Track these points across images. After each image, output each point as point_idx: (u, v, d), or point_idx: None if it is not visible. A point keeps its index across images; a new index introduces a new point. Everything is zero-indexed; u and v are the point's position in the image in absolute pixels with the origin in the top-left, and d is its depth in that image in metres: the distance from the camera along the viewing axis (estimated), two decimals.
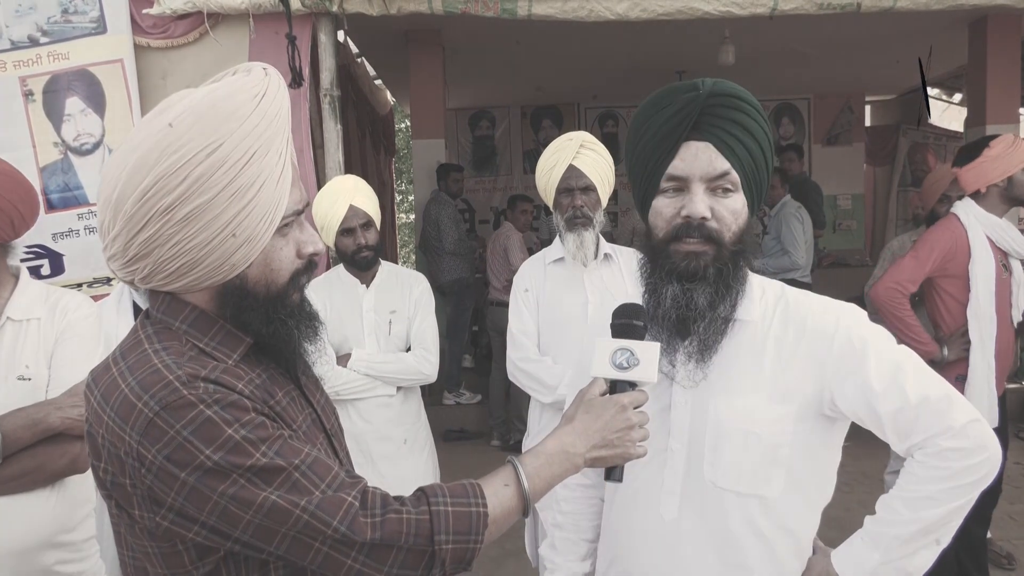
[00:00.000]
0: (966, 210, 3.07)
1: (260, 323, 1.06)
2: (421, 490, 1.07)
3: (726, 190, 1.23)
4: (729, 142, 1.22)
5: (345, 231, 2.59)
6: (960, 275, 3.05)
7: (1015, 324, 3.14)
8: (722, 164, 1.22)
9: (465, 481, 1.09)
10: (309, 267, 1.11)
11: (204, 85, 1.05)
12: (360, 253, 2.62)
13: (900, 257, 3.16)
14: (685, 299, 1.23)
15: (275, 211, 1.03)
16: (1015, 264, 3.09)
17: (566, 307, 2.54)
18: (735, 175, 1.23)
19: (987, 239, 3.01)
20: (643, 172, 1.29)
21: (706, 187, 1.23)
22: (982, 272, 3.00)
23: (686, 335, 1.27)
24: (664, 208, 1.26)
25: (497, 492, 1.09)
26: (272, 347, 1.09)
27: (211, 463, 0.94)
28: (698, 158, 1.23)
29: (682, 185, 1.24)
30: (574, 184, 2.49)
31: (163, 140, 0.96)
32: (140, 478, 0.96)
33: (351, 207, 2.58)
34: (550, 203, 2.59)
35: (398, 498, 1.05)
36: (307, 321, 1.12)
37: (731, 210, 1.23)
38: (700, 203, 1.22)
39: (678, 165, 1.24)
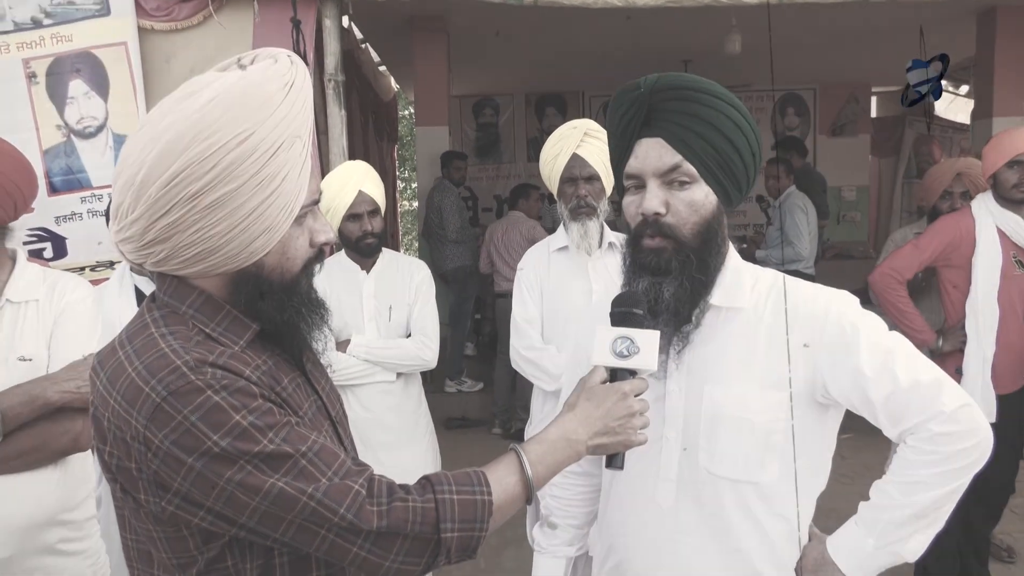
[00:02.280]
0: (981, 202, 3.05)
1: (274, 310, 1.06)
2: (426, 478, 1.07)
3: (681, 183, 1.25)
4: (680, 134, 1.24)
5: (352, 216, 2.59)
6: (964, 266, 3.04)
7: None
8: (672, 157, 1.24)
9: (469, 469, 1.10)
10: (320, 256, 1.12)
11: (223, 70, 1.04)
12: (365, 240, 2.61)
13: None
14: (655, 292, 1.26)
15: (295, 201, 1.03)
16: None
17: (570, 296, 2.53)
18: (688, 167, 1.24)
19: (998, 233, 2.99)
20: (614, 171, 1.35)
21: (660, 182, 1.26)
22: (984, 265, 2.98)
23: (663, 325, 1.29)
24: (628, 205, 1.30)
25: (501, 480, 1.09)
26: (281, 334, 1.09)
27: (218, 449, 0.94)
28: (649, 155, 1.26)
29: (640, 182, 1.28)
30: (578, 173, 2.48)
31: (194, 126, 0.95)
32: (146, 462, 0.96)
33: (360, 192, 2.57)
34: (555, 191, 2.58)
35: (403, 486, 1.05)
36: (316, 309, 1.12)
37: (687, 202, 1.25)
38: (653, 199, 1.25)
39: (633, 163, 1.28)
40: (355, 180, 2.59)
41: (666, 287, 1.25)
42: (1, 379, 1.70)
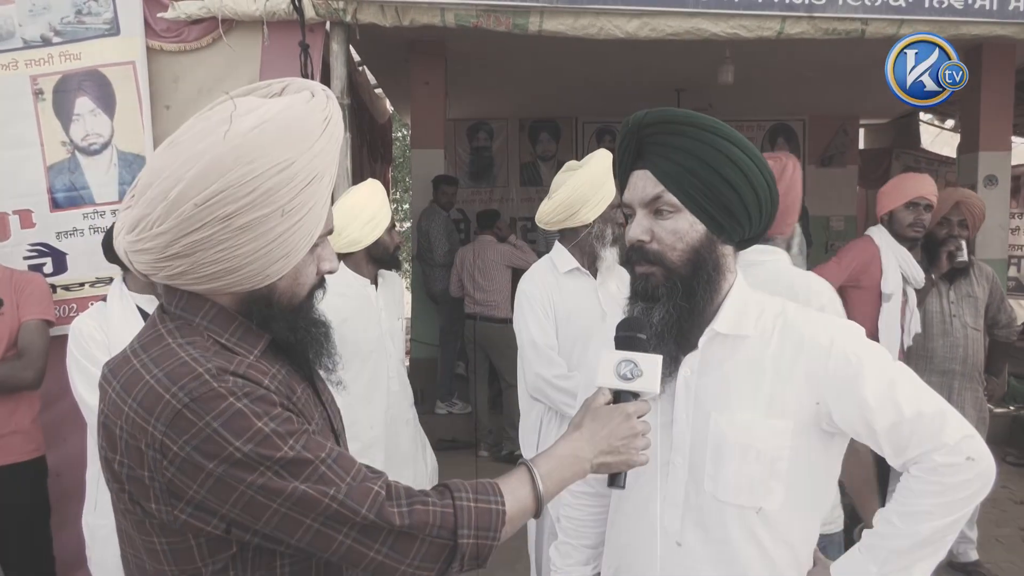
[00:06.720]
0: (879, 233, 3.33)
1: (285, 331, 1.11)
2: (444, 485, 1.10)
3: (664, 212, 1.29)
4: (663, 166, 1.29)
5: (392, 229, 2.80)
6: (871, 288, 3.23)
7: (905, 348, 3.32)
8: (653, 188, 1.30)
9: (483, 480, 1.13)
10: (322, 283, 1.17)
11: (248, 92, 1.08)
12: (399, 250, 2.86)
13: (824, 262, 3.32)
14: (647, 317, 1.30)
15: (316, 230, 1.08)
16: (909, 291, 3.32)
17: (583, 319, 2.53)
18: (670, 197, 1.28)
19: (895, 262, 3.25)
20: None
21: (646, 211, 1.31)
22: (892, 289, 3.22)
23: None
24: (626, 233, 1.35)
25: (513, 491, 1.12)
26: (293, 351, 1.13)
27: (240, 455, 0.97)
28: (636, 185, 1.33)
29: (632, 212, 1.34)
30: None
31: (237, 149, 0.99)
32: (161, 470, 0.98)
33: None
34: (592, 210, 2.52)
35: (421, 491, 1.08)
36: (320, 327, 1.17)
37: (671, 230, 1.29)
38: (635, 227, 1.32)
39: (625, 194, 1.35)
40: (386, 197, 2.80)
41: (655, 312, 1.29)
42: None
